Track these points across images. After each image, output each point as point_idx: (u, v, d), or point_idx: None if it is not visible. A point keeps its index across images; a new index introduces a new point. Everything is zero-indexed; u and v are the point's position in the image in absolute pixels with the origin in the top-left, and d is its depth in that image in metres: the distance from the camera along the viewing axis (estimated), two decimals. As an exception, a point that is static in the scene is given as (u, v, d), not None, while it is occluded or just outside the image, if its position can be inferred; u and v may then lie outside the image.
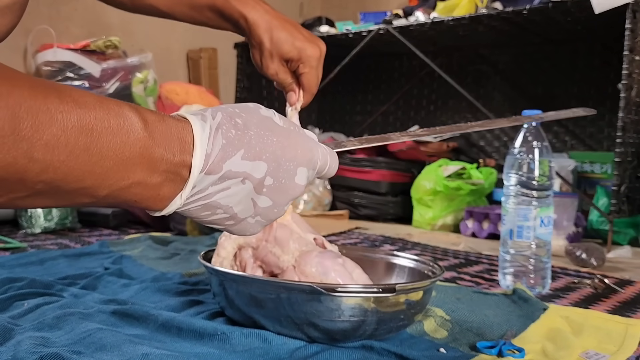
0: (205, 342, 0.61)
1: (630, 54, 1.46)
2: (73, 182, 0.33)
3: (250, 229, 0.44)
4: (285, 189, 0.42)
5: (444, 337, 0.69)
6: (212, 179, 0.38)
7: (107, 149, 0.34)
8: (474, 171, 1.87)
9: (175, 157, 0.37)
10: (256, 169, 0.40)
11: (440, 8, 2.05)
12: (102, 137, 0.33)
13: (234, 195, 0.40)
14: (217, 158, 0.38)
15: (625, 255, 1.40)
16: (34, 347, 0.55)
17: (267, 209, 0.42)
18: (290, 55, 0.70)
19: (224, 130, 0.38)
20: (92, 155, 0.33)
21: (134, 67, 1.86)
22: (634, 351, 0.68)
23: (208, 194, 0.39)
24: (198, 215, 0.41)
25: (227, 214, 0.41)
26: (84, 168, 0.33)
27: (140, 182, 0.36)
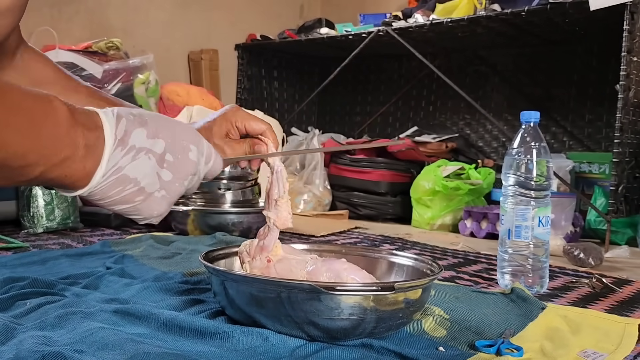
0: (207, 341, 0.62)
1: (628, 55, 1.47)
2: (19, 159, 0.39)
3: (157, 207, 0.49)
4: (182, 164, 0.50)
5: (443, 335, 0.69)
6: (122, 153, 0.45)
7: (43, 128, 0.40)
8: (473, 171, 1.88)
9: (91, 133, 0.44)
10: (156, 145, 0.47)
11: (439, 10, 2.05)
12: (39, 117, 0.40)
13: (141, 167, 0.46)
14: (122, 134, 0.45)
15: (623, 255, 1.41)
16: (36, 346, 0.55)
17: (169, 183, 0.49)
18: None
19: (124, 115, 0.47)
20: (32, 134, 0.39)
21: (135, 68, 1.86)
22: (632, 350, 0.68)
23: (119, 167, 0.45)
24: (111, 193, 0.46)
25: (136, 187, 0.47)
26: (27, 145, 0.39)
27: (69, 157, 0.42)
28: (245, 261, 0.73)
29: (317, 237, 1.53)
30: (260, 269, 0.71)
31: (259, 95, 2.67)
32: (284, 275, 0.69)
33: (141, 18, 2.30)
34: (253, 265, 0.72)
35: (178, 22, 2.42)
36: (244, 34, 2.61)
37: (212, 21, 2.53)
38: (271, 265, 0.71)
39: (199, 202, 1.46)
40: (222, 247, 0.82)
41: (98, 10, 2.16)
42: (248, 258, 0.73)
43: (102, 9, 2.18)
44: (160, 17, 2.36)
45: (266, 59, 2.68)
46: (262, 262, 0.72)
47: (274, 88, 2.74)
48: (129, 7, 2.26)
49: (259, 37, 2.55)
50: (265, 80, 2.70)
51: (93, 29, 2.12)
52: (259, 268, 0.71)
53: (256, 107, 2.48)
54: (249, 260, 0.72)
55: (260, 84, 2.68)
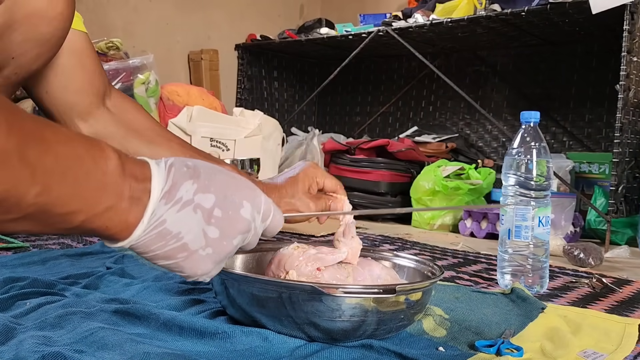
0: (207, 341, 0.62)
1: (628, 55, 1.47)
2: (60, 206, 0.38)
3: (202, 265, 0.46)
4: (232, 221, 0.46)
5: (443, 335, 0.69)
6: (167, 206, 0.43)
7: (91, 176, 0.39)
8: (473, 171, 1.88)
9: (139, 184, 0.42)
10: (205, 200, 0.45)
11: (439, 10, 2.06)
12: (88, 164, 0.39)
13: (185, 222, 0.44)
14: (171, 186, 0.43)
15: (623, 255, 1.41)
16: (36, 346, 0.55)
17: (216, 240, 0.46)
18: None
19: (177, 167, 0.45)
20: (78, 181, 0.38)
21: (135, 68, 1.86)
22: (632, 350, 0.68)
23: (162, 220, 0.43)
24: (153, 247, 0.44)
25: (179, 242, 0.44)
26: (71, 192, 0.38)
27: (112, 207, 0.41)
28: (294, 266, 0.69)
29: (317, 237, 1.53)
30: (307, 277, 0.69)
31: (259, 95, 2.67)
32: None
33: (141, 18, 2.29)
34: (301, 271, 0.69)
35: (178, 22, 2.41)
36: (244, 34, 2.61)
37: (212, 21, 2.53)
38: (320, 275, 0.70)
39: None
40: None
41: (98, 10, 2.16)
42: (297, 262, 0.69)
43: (102, 9, 2.18)
44: (160, 17, 2.36)
45: (266, 59, 2.68)
46: (311, 270, 0.69)
47: (274, 88, 2.74)
48: (129, 7, 2.26)
49: (259, 37, 2.55)
50: (265, 80, 2.70)
51: (93, 29, 2.11)
52: (307, 277, 0.69)
53: (256, 107, 2.48)
54: (297, 264, 0.69)
55: (260, 84, 2.68)
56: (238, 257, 0.82)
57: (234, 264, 0.82)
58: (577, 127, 2.21)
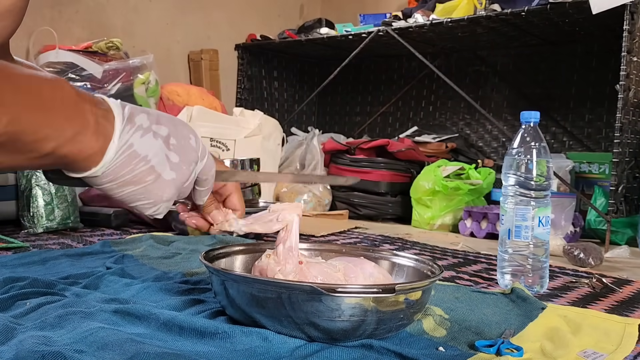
0: (207, 341, 0.62)
1: (628, 55, 1.47)
2: (30, 134, 0.40)
3: (167, 190, 0.50)
4: (186, 149, 0.51)
5: (443, 335, 0.69)
6: (131, 131, 0.46)
7: (53, 103, 0.41)
8: (473, 171, 1.88)
9: (100, 110, 0.45)
10: (160, 129, 0.49)
11: (439, 10, 2.06)
12: (47, 93, 0.41)
13: (150, 146, 0.48)
14: (130, 114, 0.47)
15: (622, 255, 1.41)
16: (36, 346, 0.55)
17: (177, 165, 0.50)
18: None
19: (127, 105, 0.48)
20: (44, 108, 0.41)
21: (135, 68, 1.86)
22: (632, 350, 0.68)
23: (130, 143, 0.46)
24: (122, 172, 0.47)
25: (147, 165, 0.48)
26: (39, 120, 0.40)
27: (80, 132, 0.43)
28: (276, 271, 0.68)
29: (317, 237, 1.53)
30: (295, 275, 0.68)
31: (259, 95, 2.67)
32: (323, 279, 0.68)
33: (141, 18, 2.29)
34: (286, 272, 0.68)
35: (178, 22, 2.42)
36: (244, 34, 2.61)
37: (212, 21, 2.53)
38: (305, 269, 0.69)
39: (199, 202, 1.46)
40: (222, 247, 0.82)
41: (98, 10, 2.16)
42: (278, 267, 0.69)
43: (102, 9, 2.18)
44: (160, 17, 2.36)
45: (266, 59, 2.68)
46: (294, 266, 0.69)
47: (274, 88, 2.74)
48: (129, 7, 2.26)
49: (259, 37, 2.55)
50: (265, 80, 2.70)
51: (93, 29, 2.12)
52: (294, 274, 0.68)
53: (256, 107, 2.48)
54: (279, 268, 0.68)
55: (260, 84, 2.68)
56: (237, 258, 0.82)
57: (234, 264, 0.82)
58: (577, 127, 2.21)
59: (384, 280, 0.73)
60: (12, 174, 1.47)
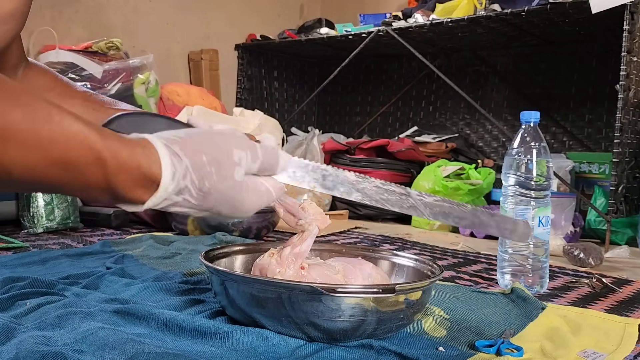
0: (207, 340, 0.62)
1: (628, 55, 1.47)
2: (83, 190, 0.42)
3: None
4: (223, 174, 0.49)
5: (443, 335, 0.69)
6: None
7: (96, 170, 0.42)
8: (473, 171, 1.88)
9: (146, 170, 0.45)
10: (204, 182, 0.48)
11: (439, 10, 2.05)
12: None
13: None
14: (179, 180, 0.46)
15: (622, 255, 1.41)
16: (36, 346, 0.55)
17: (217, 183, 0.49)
18: None
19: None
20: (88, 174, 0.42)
21: (135, 68, 1.86)
22: (632, 350, 0.68)
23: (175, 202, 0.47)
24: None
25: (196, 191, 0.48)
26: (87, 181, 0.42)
27: (132, 188, 0.44)
28: (276, 272, 0.68)
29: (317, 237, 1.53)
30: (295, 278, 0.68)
31: (259, 95, 2.67)
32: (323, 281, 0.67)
33: (141, 18, 2.29)
34: (286, 275, 0.68)
35: (178, 22, 2.42)
36: (244, 34, 2.61)
37: (212, 21, 2.53)
38: (306, 273, 0.68)
39: (199, 202, 1.46)
40: (222, 247, 0.82)
41: (98, 10, 2.16)
42: (279, 268, 0.68)
43: (102, 9, 2.18)
44: (160, 17, 2.36)
45: (266, 59, 2.68)
46: (295, 271, 0.68)
47: (274, 88, 2.74)
48: (129, 7, 2.26)
49: (259, 37, 2.55)
50: (265, 80, 2.70)
51: (93, 29, 2.12)
52: (293, 277, 0.68)
53: (256, 107, 2.48)
54: (279, 270, 0.68)
55: (260, 84, 2.68)
56: (237, 258, 0.82)
57: (234, 264, 0.82)
58: (577, 127, 2.21)
59: (382, 281, 0.73)
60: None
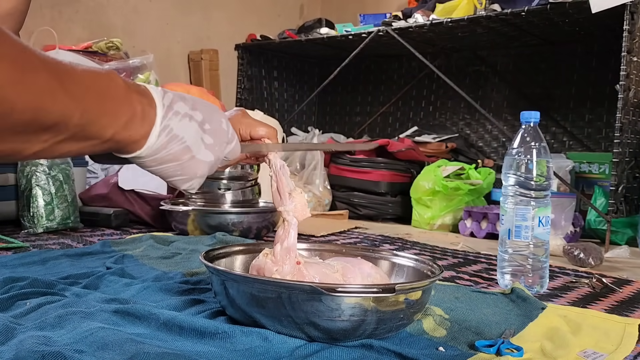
0: (207, 340, 0.62)
1: (628, 55, 1.47)
2: (95, 124, 0.45)
3: (201, 167, 0.55)
4: (219, 132, 0.57)
5: (443, 335, 0.69)
6: (170, 116, 0.52)
7: (110, 95, 0.46)
8: (473, 171, 1.88)
9: (145, 99, 0.50)
10: (196, 115, 0.55)
11: (439, 10, 2.06)
12: (104, 85, 0.46)
13: (186, 129, 0.53)
14: (170, 102, 0.52)
15: (623, 255, 1.41)
16: (36, 346, 0.55)
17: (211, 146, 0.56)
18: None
19: (166, 90, 0.54)
20: (103, 101, 0.46)
21: (135, 68, 1.87)
22: (632, 350, 0.68)
23: (170, 127, 0.52)
24: (161, 152, 0.52)
25: (183, 144, 0.53)
26: (101, 111, 0.45)
27: (131, 118, 0.48)
28: (274, 271, 0.68)
29: (317, 237, 1.53)
30: (293, 275, 0.68)
31: (259, 95, 2.67)
32: (321, 279, 0.68)
33: (141, 18, 2.29)
34: (283, 272, 0.68)
35: (178, 22, 2.42)
36: (244, 34, 2.61)
37: (212, 21, 2.53)
38: (303, 269, 0.68)
39: (199, 202, 1.46)
40: (222, 247, 0.82)
41: (98, 10, 2.16)
42: (276, 267, 0.68)
43: (102, 9, 2.18)
44: (160, 17, 2.36)
45: (266, 59, 2.68)
46: (292, 267, 0.68)
47: (274, 88, 2.74)
48: (129, 7, 2.26)
49: (259, 37, 2.55)
50: (265, 80, 2.70)
51: (93, 29, 2.12)
52: (291, 274, 0.68)
53: (256, 107, 2.48)
54: (277, 269, 0.68)
55: (260, 84, 2.68)
56: (237, 258, 0.82)
57: (234, 264, 0.82)
58: (577, 127, 2.21)
59: (382, 281, 0.73)
60: (12, 174, 1.46)
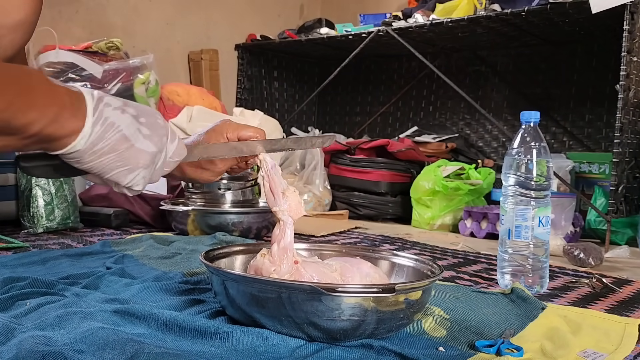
0: (207, 341, 0.62)
1: (628, 55, 1.47)
2: (20, 118, 0.46)
3: (142, 157, 0.55)
4: (155, 125, 0.56)
5: (443, 335, 0.69)
6: (103, 107, 0.53)
7: (33, 89, 0.48)
8: (473, 171, 1.88)
9: (72, 93, 0.51)
10: (129, 109, 0.55)
11: (439, 10, 2.06)
12: (26, 80, 0.48)
13: (120, 119, 0.53)
14: (99, 97, 0.53)
15: (623, 255, 1.41)
16: (36, 346, 0.55)
17: (150, 136, 0.55)
18: None
19: (94, 90, 0.55)
20: (27, 94, 0.47)
21: (135, 68, 1.86)
22: (632, 350, 0.68)
23: (105, 117, 0.52)
24: (99, 144, 0.52)
25: (119, 132, 0.53)
26: (25, 105, 0.46)
27: (60, 112, 0.49)
28: (271, 271, 0.68)
29: (317, 237, 1.53)
30: (291, 275, 0.68)
31: (259, 95, 2.67)
32: (320, 279, 0.68)
33: (141, 18, 2.29)
34: (281, 272, 0.68)
35: (178, 22, 2.42)
36: (244, 34, 2.61)
37: (212, 21, 2.53)
38: (301, 268, 0.68)
39: (199, 202, 1.46)
40: (222, 247, 0.82)
41: (98, 10, 2.16)
42: (273, 267, 0.68)
43: (102, 9, 2.18)
44: (160, 17, 2.36)
45: (266, 59, 2.68)
46: (289, 266, 0.68)
47: (274, 88, 2.74)
48: (129, 7, 2.26)
49: (259, 37, 2.55)
50: (265, 80, 2.70)
51: (93, 29, 2.12)
52: (289, 274, 0.68)
53: (256, 107, 2.48)
54: (274, 269, 0.68)
55: (260, 84, 2.68)
56: (237, 258, 0.82)
57: (234, 264, 0.82)
58: (577, 127, 2.21)
59: (381, 281, 0.73)
60: (12, 174, 1.46)
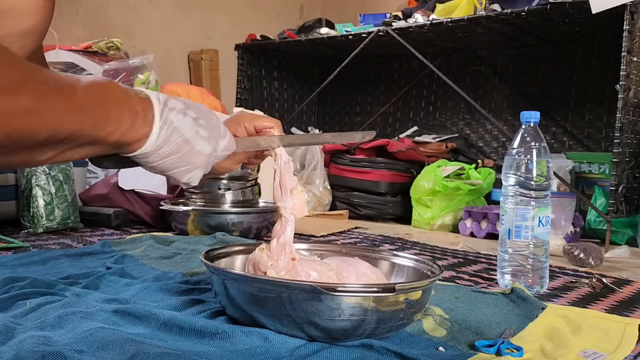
0: (207, 340, 0.62)
1: (628, 55, 1.47)
2: (102, 130, 0.50)
3: (200, 158, 0.59)
4: (213, 126, 0.61)
5: (443, 335, 0.69)
6: (167, 111, 0.56)
7: (113, 103, 0.51)
8: (473, 171, 1.88)
9: (142, 101, 0.54)
10: (190, 112, 0.58)
11: (439, 10, 2.06)
12: (108, 95, 0.51)
13: (182, 123, 0.57)
14: (164, 101, 0.56)
15: (623, 255, 1.41)
16: (36, 346, 0.55)
17: (208, 138, 0.59)
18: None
19: (157, 92, 0.58)
20: (108, 109, 0.51)
21: (135, 68, 1.87)
22: (632, 350, 0.68)
23: (170, 121, 0.56)
24: (165, 146, 0.55)
25: (182, 137, 0.57)
26: (106, 118, 0.50)
27: (134, 121, 0.52)
28: (268, 266, 0.69)
29: (317, 237, 1.53)
30: (287, 271, 0.68)
31: (259, 95, 2.67)
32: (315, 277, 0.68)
33: (141, 18, 2.29)
34: (278, 268, 0.68)
35: (178, 22, 2.42)
36: (244, 34, 2.61)
37: (212, 21, 2.53)
38: (297, 266, 0.69)
39: (199, 202, 1.46)
40: (222, 247, 0.82)
41: (98, 10, 2.16)
42: (271, 262, 0.69)
43: (102, 9, 2.18)
44: (160, 17, 2.36)
45: (266, 59, 2.68)
46: (286, 262, 0.68)
47: (274, 88, 2.74)
48: (129, 7, 2.26)
49: (259, 37, 2.55)
50: (265, 80, 2.70)
51: (93, 29, 2.12)
52: (286, 270, 0.68)
53: (256, 107, 2.49)
54: (272, 264, 0.68)
55: (260, 84, 2.68)
56: (238, 258, 0.82)
57: (234, 264, 0.82)
58: (577, 127, 2.21)
59: (377, 280, 0.73)
60: (12, 174, 1.46)
